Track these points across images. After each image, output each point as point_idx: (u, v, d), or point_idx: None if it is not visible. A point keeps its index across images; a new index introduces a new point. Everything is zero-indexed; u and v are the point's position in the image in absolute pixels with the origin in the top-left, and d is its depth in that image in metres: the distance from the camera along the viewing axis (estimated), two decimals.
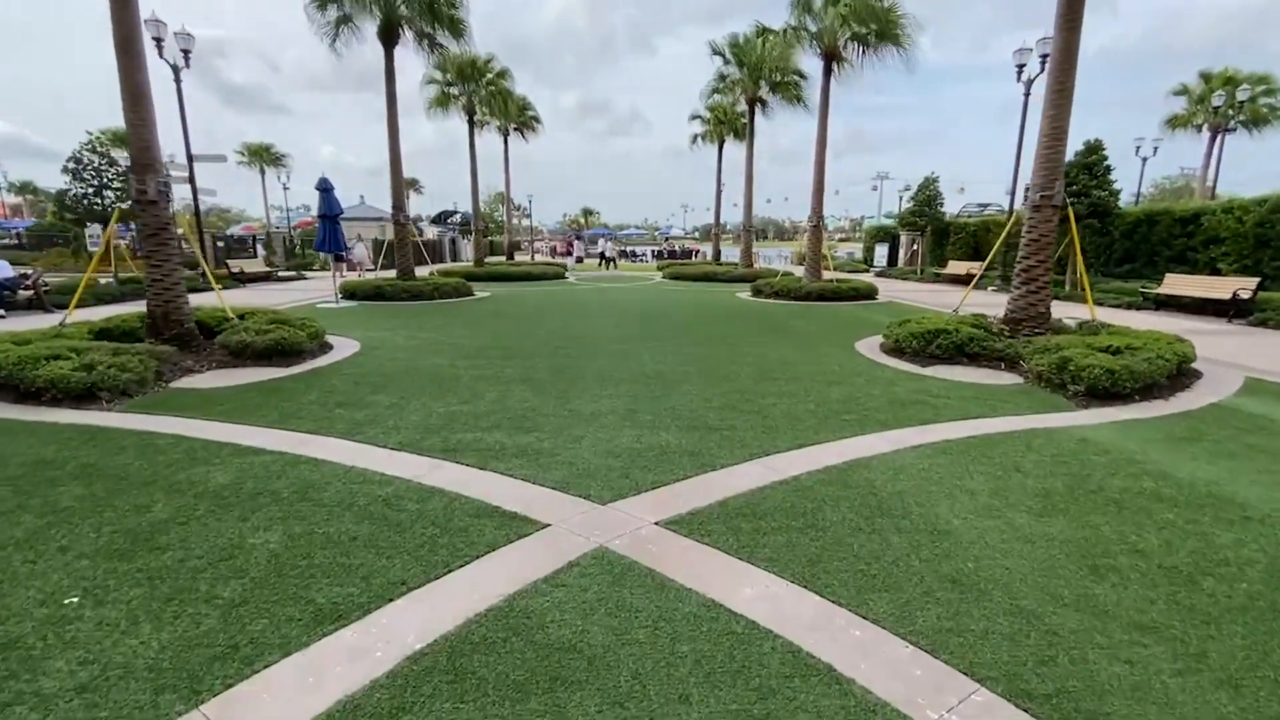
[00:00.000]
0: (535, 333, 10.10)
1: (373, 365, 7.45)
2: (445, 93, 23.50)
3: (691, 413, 5.51)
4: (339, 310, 13.15)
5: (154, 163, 7.61)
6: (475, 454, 4.41)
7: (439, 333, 10.06)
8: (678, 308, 14.20)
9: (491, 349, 8.59)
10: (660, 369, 7.32)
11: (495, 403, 5.78)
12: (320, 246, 13.82)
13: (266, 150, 49.92)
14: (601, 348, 8.73)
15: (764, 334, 10.14)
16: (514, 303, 15.07)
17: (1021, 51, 19.14)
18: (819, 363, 7.78)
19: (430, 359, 7.83)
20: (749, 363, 7.72)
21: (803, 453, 4.52)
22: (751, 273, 24.07)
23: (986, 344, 7.65)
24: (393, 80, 15.72)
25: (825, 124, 16.58)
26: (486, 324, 11.16)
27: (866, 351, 8.63)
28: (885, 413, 5.56)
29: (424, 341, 9.17)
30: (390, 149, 15.94)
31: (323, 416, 5.31)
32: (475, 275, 22.53)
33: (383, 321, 11.34)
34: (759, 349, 8.71)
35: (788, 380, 6.80)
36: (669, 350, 8.57)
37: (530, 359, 7.89)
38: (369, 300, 15.05)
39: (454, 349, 8.55)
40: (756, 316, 12.55)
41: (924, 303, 15.62)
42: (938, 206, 26.12)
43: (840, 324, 11.43)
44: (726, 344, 9.13)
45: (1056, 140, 7.84)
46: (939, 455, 4.48)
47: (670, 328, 10.75)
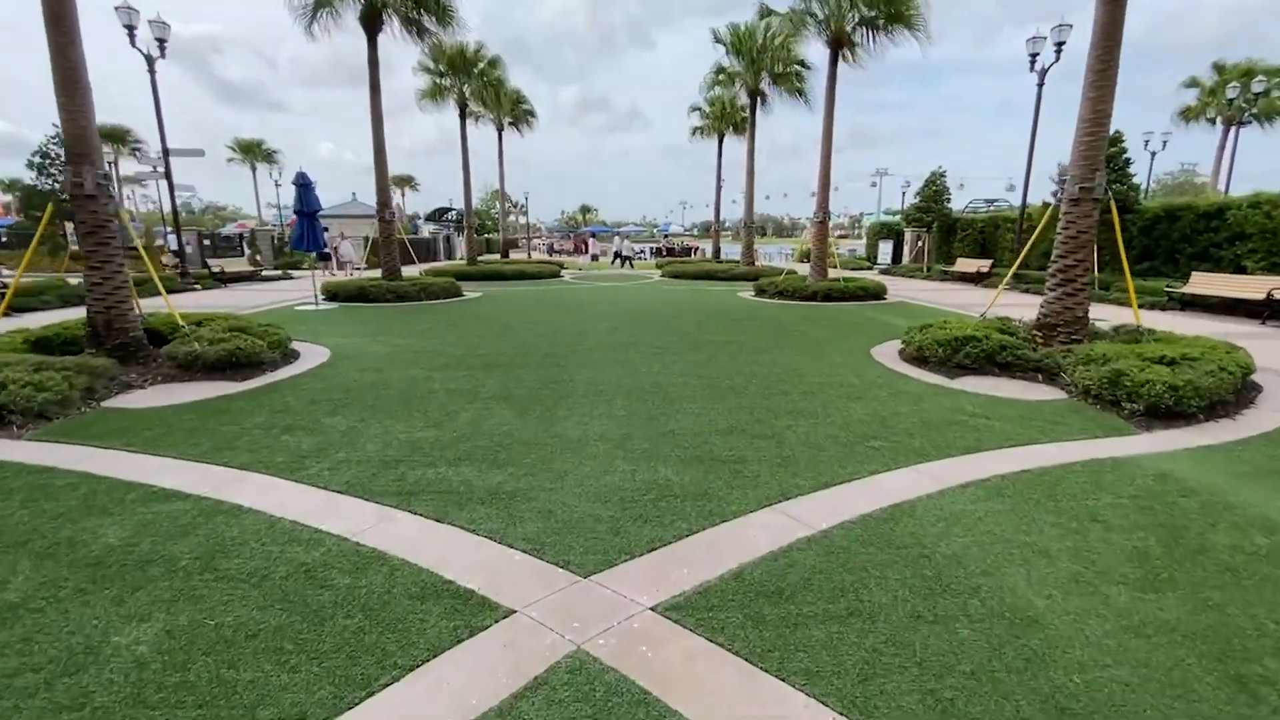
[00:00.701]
0: (524, 338, 9.33)
1: (338, 378, 6.67)
2: (437, 84, 22.66)
3: (694, 438, 4.74)
4: (317, 313, 12.36)
5: (90, 153, 6.81)
6: (434, 498, 3.64)
7: (420, 338, 9.28)
8: (677, 309, 13.43)
9: (473, 357, 7.81)
10: (658, 381, 6.55)
11: (469, 426, 5.01)
12: (298, 244, 13.03)
13: (258, 146, 48.98)
14: (594, 355, 7.96)
15: (771, 338, 9.37)
16: (504, 304, 14.28)
17: (1035, 40, 18.32)
18: (834, 373, 7.01)
19: (404, 370, 7.05)
20: (757, 373, 6.95)
21: (830, 495, 3.76)
22: (753, 271, 23.28)
23: (1020, 353, 6.89)
24: (376, 69, 14.90)
25: (831, 115, 15.79)
26: (472, 328, 10.38)
27: (885, 359, 7.86)
28: (919, 437, 4.80)
29: (401, 349, 8.39)
30: (374, 141, 15.12)
31: (264, 445, 4.54)
32: (467, 274, 21.73)
33: (361, 325, 10.56)
34: (767, 356, 7.94)
35: (802, 395, 6.03)
36: (668, 358, 7.80)
37: (515, 369, 7.11)
38: (352, 302, 14.26)
39: (432, 357, 7.78)
40: (761, 318, 11.78)
41: (936, 302, 14.85)
42: (944, 202, 25.35)
43: (851, 327, 10.66)
44: (730, 350, 8.36)
45: (1098, 126, 7.06)
46: (995, 498, 3.71)
47: (669, 332, 9.99)
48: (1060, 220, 7.51)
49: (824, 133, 15.88)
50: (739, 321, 11.33)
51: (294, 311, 12.52)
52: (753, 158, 24.57)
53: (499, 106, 24.61)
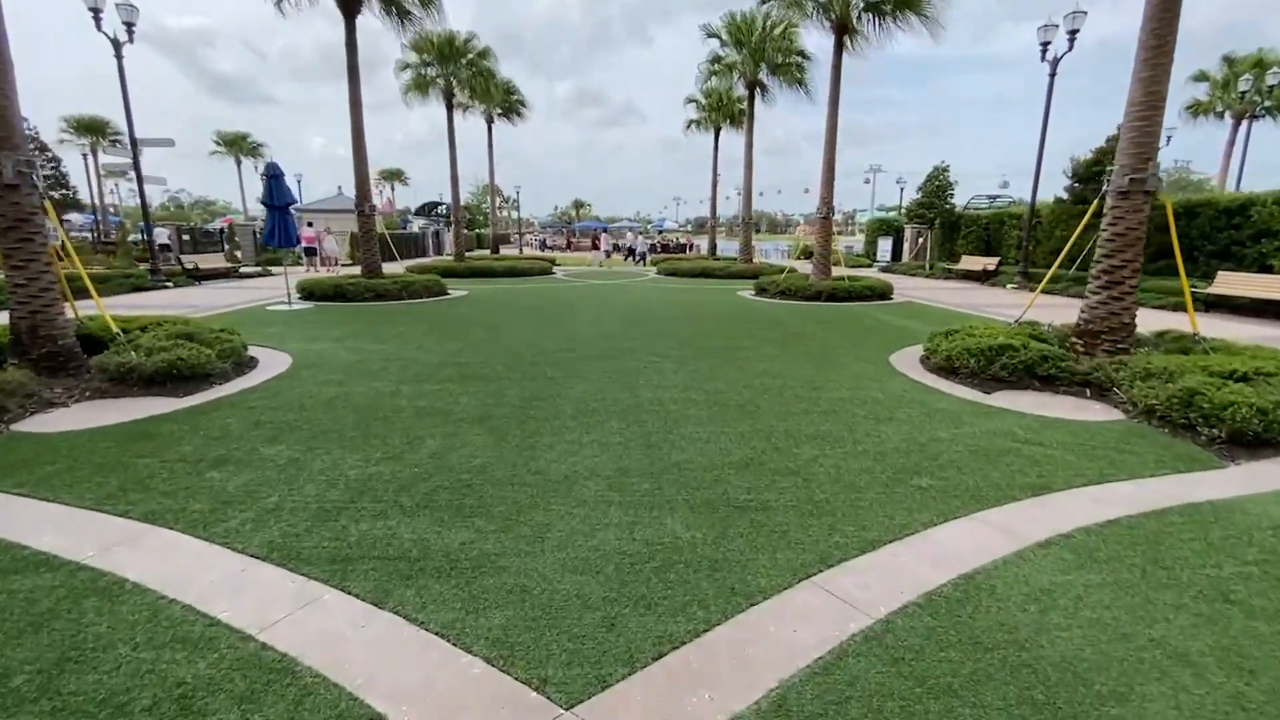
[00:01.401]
0: (509, 343, 8.51)
1: (293, 393, 5.85)
2: (422, 75, 21.71)
3: (704, 474, 3.96)
4: (289, 314, 11.49)
5: (11, 136, 5.94)
6: (377, 567, 2.84)
7: (395, 343, 8.45)
8: (675, 310, 12.63)
9: (450, 366, 7.00)
10: (658, 397, 5.76)
11: (434, 458, 4.21)
12: (269, 240, 12.14)
13: (243, 139, 47.76)
14: (586, 365, 7.16)
15: (779, 344, 8.60)
16: (491, 304, 13.45)
17: (1047, 28, 17.56)
18: (856, 385, 6.24)
19: (369, 383, 6.24)
20: (769, 386, 6.17)
21: (881, 558, 2.98)
22: (751, 268, 22.52)
23: (1064, 364, 6.14)
24: (354, 53, 13.98)
25: (836, 105, 15.00)
26: (454, 331, 9.56)
27: (907, 369, 7.10)
28: (971, 472, 4.04)
29: (371, 356, 7.56)
30: (353, 130, 14.22)
31: (182, 486, 3.72)
32: (454, 271, 20.85)
33: (333, 328, 9.72)
34: (777, 365, 7.16)
35: (823, 414, 5.26)
36: (668, 367, 7.02)
37: (496, 382, 6.31)
38: (328, 301, 13.39)
39: (405, 367, 6.96)
40: (765, 321, 11.01)
41: (945, 303, 14.13)
42: (947, 198, 24.64)
43: (863, 330, 9.90)
44: (737, 359, 7.58)
45: (1152, 109, 6.30)
46: (1088, 564, 2.95)
47: (668, 336, 9.19)
48: (1105, 215, 6.75)
49: (828, 124, 15.09)
50: (742, 324, 10.55)
51: (264, 312, 11.65)
52: (751, 151, 23.79)
53: (489, 97, 23.68)
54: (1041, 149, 18.09)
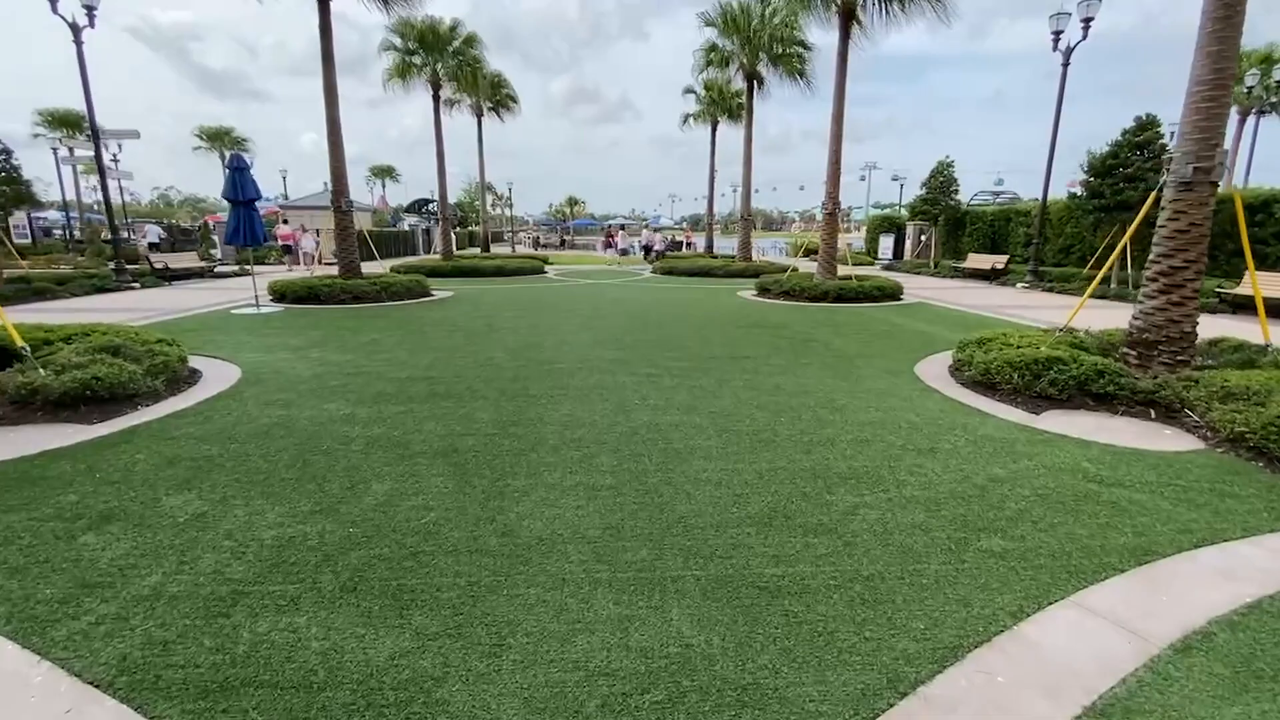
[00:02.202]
0: (489, 353, 7.66)
1: (228, 418, 4.98)
2: (406, 62, 20.76)
3: (718, 533, 3.13)
4: (255, 318, 10.59)
5: None
6: (263, 704, 2.00)
7: (362, 352, 7.58)
8: (673, 312, 11.80)
9: (420, 381, 6.14)
10: (656, 421, 4.93)
11: (378, 510, 3.36)
12: (231, 238, 11.21)
13: (226, 134, 46.43)
14: (573, 379, 6.32)
15: (789, 352, 7.78)
16: (476, 306, 12.57)
17: (1059, 16, 16.79)
18: (884, 404, 5.43)
19: (322, 403, 5.37)
20: (784, 406, 5.35)
21: (967, 675, 2.16)
22: (751, 267, 21.70)
23: (1123, 381, 5.34)
24: (329, 37, 13.07)
25: (842, 95, 14.19)
26: (431, 338, 8.69)
27: (937, 382, 6.30)
28: (1049, 528, 3.22)
29: (332, 368, 6.70)
30: (328, 120, 13.30)
31: (41, 556, 2.86)
32: (440, 271, 19.93)
33: (298, 335, 8.83)
34: (791, 378, 6.34)
35: (853, 444, 4.44)
36: (666, 383, 6.19)
37: (469, 401, 5.46)
38: (301, 304, 12.48)
39: (367, 382, 6.10)
40: (771, 324, 10.19)
41: (958, 304, 13.34)
42: (952, 194, 23.87)
43: (879, 336, 9.09)
44: (744, 370, 6.76)
45: (1219, 89, 5.50)
46: (1253, 683, 2.13)
47: (666, 343, 8.36)
48: (1164, 210, 5.96)
49: (834, 114, 14.28)
50: (746, 329, 9.72)
51: (227, 316, 10.74)
52: (750, 145, 22.98)
53: (476, 89, 22.75)
54: (1054, 143, 17.33)
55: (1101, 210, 15.07)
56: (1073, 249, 19.81)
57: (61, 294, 13.78)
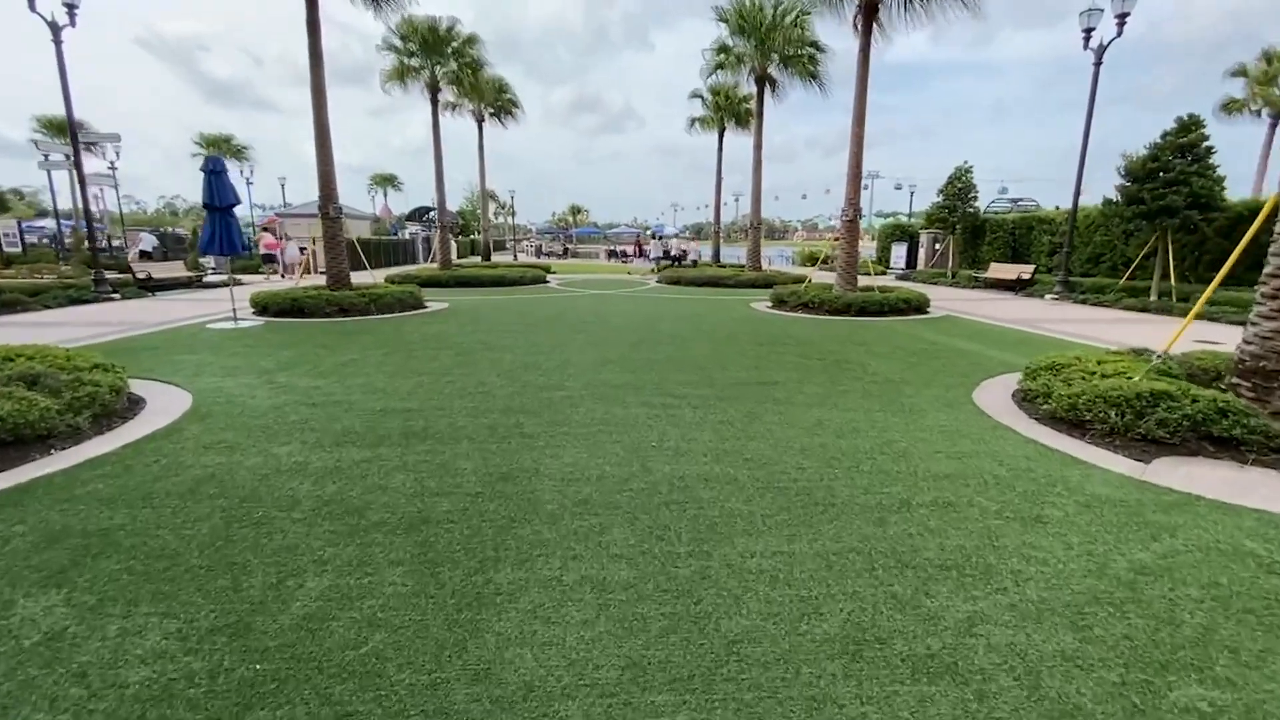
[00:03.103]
0: (481, 376, 6.72)
1: (153, 468, 4.04)
2: (404, 64, 19.98)
3: (787, 678, 2.15)
4: (229, 334, 9.68)
5: None
6: None
7: (337, 376, 6.65)
8: (685, 327, 10.85)
9: (395, 415, 5.20)
10: (681, 474, 3.97)
11: (301, 631, 2.40)
12: (207, 247, 10.32)
13: (226, 142, 45.90)
14: (577, 411, 5.37)
15: (823, 376, 6.81)
16: (471, 320, 11.65)
17: (1091, 13, 15.91)
18: (955, 449, 4.46)
19: (275, 446, 4.43)
20: (836, 452, 4.38)
21: None
22: (762, 276, 20.78)
23: (1252, 422, 4.36)
24: (316, 34, 12.24)
25: (864, 95, 13.29)
26: (418, 357, 7.76)
27: (1007, 416, 5.33)
28: (1258, 664, 2.25)
29: (296, 398, 5.76)
30: (316, 121, 12.46)
31: None
32: (438, 280, 19.07)
33: (271, 354, 7.91)
34: (835, 412, 5.38)
35: (936, 510, 3.47)
36: (688, 415, 5.23)
37: (450, 445, 4.51)
38: (284, 317, 11.58)
39: (334, 416, 5.16)
40: (794, 341, 9.23)
41: (989, 317, 12.36)
42: (970, 201, 22.94)
43: (918, 356, 8.12)
44: (776, 399, 5.80)
45: None
46: None
47: (681, 364, 7.41)
48: None
49: (855, 115, 13.38)
50: (768, 346, 8.76)
51: (199, 332, 9.83)
52: (760, 150, 22.12)
53: (476, 93, 21.97)
54: (1084, 148, 16.38)
55: (1142, 217, 14.10)
56: (1102, 258, 18.84)
57: (33, 306, 12.89)
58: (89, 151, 35.71)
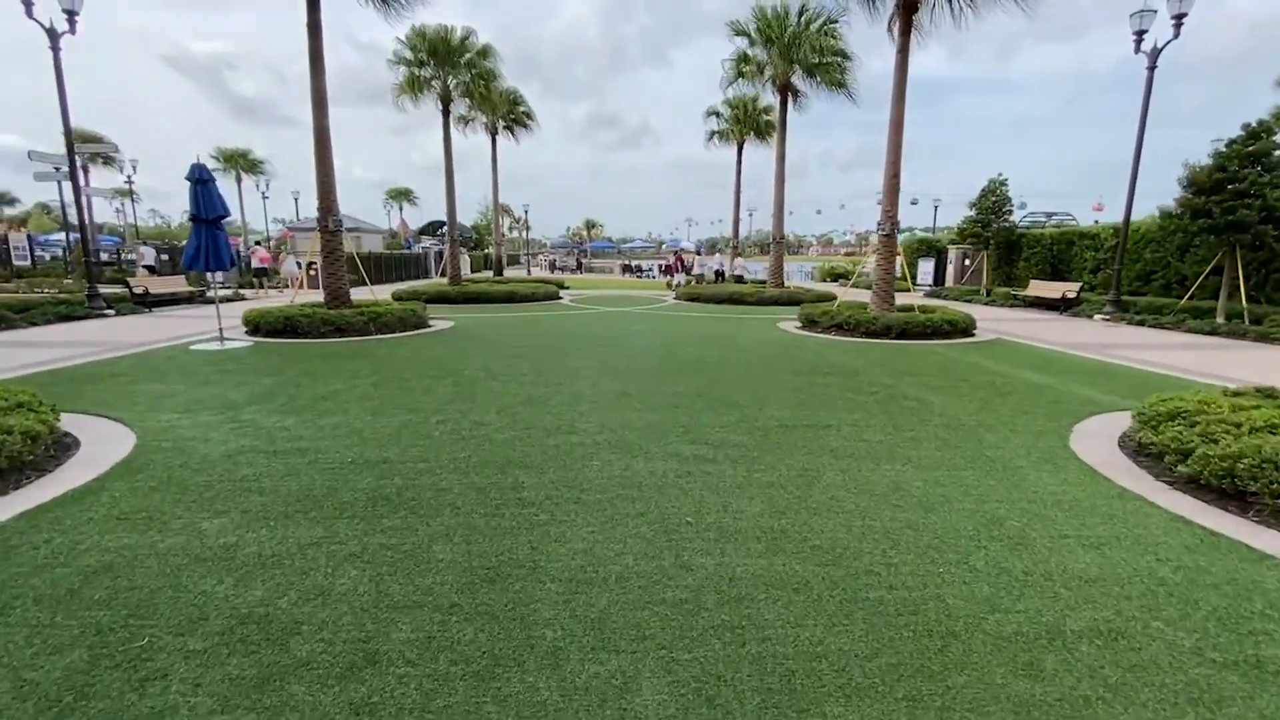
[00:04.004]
0: (479, 413, 5.75)
1: (33, 553, 3.09)
2: (415, 75, 19.39)
3: None
4: (210, 357, 8.84)
5: None
6: None
7: (314, 413, 5.72)
8: (710, 352, 9.84)
9: (369, 470, 4.23)
10: (730, 574, 2.94)
11: None
12: (191, 262, 9.53)
13: (243, 156, 46.09)
14: (589, 465, 4.37)
15: (882, 416, 5.75)
16: (476, 341, 10.73)
17: (1143, 14, 14.83)
18: (1087, 533, 3.39)
19: (205, 519, 3.47)
20: (930, 535, 3.33)
21: None
22: (785, 294, 19.75)
23: None
24: (317, 36, 11.56)
25: (902, 99, 12.31)
26: (410, 388, 6.82)
27: (1128, 478, 4.24)
28: None
29: (260, 442, 4.82)
30: (315, 128, 11.74)
31: None
32: (446, 296, 18.29)
33: (246, 383, 7.02)
34: (910, 470, 4.32)
35: (1105, 643, 2.40)
36: (727, 473, 4.21)
37: (427, 517, 3.52)
38: (276, 336, 10.76)
39: (292, 471, 4.20)
40: (836, 370, 8.17)
41: (1040, 340, 11.20)
42: (1005, 215, 21.79)
43: (984, 391, 7.03)
44: (833, 450, 4.75)
45: None
46: None
47: (712, 398, 6.39)
48: None
49: (892, 121, 12.39)
50: (808, 376, 7.70)
51: (178, 354, 9.00)
52: (783, 162, 21.19)
53: (489, 104, 21.33)
54: (1137, 159, 15.21)
55: (1209, 231, 12.90)
56: (1153, 276, 17.55)
57: (18, 324, 12.21)
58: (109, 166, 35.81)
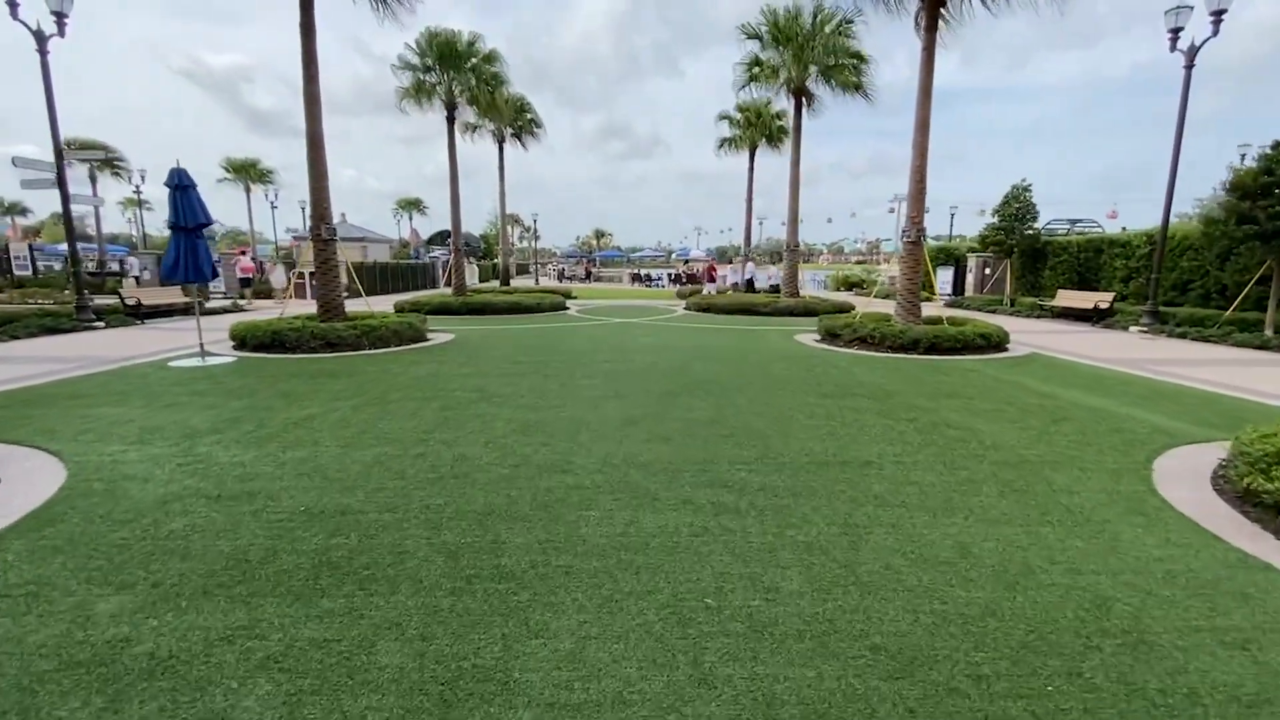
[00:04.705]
0: (465, 445, 5.04)
1: None
2: (420, 80, 18.90)
3: None
4: (185, 374, 8.21)
5: None
6: None
7: (279, 444, 5.04)
8: (726, 369, 9.09)
9: (324, 521, 3.53)
10: (770, 695, 2.20)
11: None
12: (170, 273, 8.92)
13: (252, 166, 46.00)
14: (587, 519, 3.64)
15: (928, 452, 4.98)
16: (474, 357, 10.06)
17: (1179, 11, 14.03)
18: (1217, 619, 2.60)
19: (105, 598, 2.78)
20: (1018, 626, 2.56)
21: None
22: (800, 304, 18.99)
23: None
24: (310, 36, 11.02)
25: (928, 98, 11.59)
26: (392, 415, 6.13)
27: (1242, 536, 3.44)
28: None
29: (208, 482, 4.13)
30: (308, 132, 11.18)
31: None
32: (450, 307, 17.69)
33: (213, 406, 6.36)
34: (977, 526, 3.55)
35: None
36: (752, 529, 3.46)
37: (378, 597, 2.80)
38: (263, 351, 10.15)
39: (236, 523, 3.51)
40: (868, 392, 7.39)
41: (1084, 355, 10.35)
42: (1029, 222, 20.92)
43: (1036, 417, 6.22)
44: (879, 499, 3.99)
45: None
46: None
47: (730, 426, 5.65)
48: None
49: (917, 122, 11.66)
50: (836, 399, 6.93)
51: (155, 371, 8.39)
52: (797, 168, 20.48)
53: (496, 111, 20.78)
54: (1175, 163, 14.39)
55: (1256, 238, 12.03)
56: (1190, 285, 16.61)
57: (3, 336, 11.71)
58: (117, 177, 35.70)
